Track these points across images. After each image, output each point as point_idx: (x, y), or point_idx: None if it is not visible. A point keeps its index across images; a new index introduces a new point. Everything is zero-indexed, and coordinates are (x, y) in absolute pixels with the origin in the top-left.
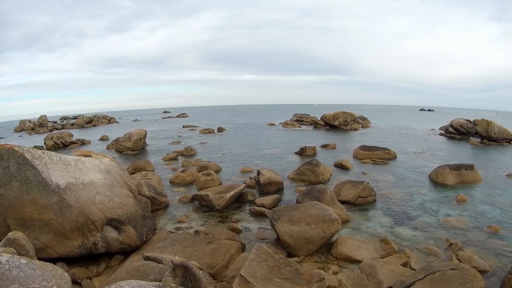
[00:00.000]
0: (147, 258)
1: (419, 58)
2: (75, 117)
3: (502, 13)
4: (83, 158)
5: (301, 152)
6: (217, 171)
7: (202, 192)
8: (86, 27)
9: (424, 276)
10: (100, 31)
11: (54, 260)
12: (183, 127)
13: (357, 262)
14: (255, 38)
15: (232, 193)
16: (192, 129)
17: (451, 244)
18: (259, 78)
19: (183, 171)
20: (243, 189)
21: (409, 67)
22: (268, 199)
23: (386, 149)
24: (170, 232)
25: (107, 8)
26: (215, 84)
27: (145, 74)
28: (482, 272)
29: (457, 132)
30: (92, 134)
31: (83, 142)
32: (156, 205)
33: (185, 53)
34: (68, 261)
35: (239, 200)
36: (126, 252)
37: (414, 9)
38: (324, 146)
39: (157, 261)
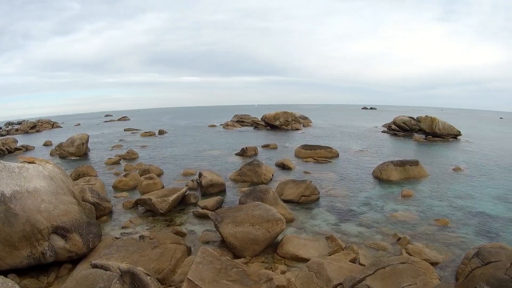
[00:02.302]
0: (94, 266)
1: (361, 58)
2: (19, 123)
3: (447, 14)
4: (27, 165)
5: (242, 153)
6: (159, 174)
7: (145, 196)
8: (32, 29)
9: (374, 271)
10: (45, 33)
11: (5, 272)
12: (124, 130)
13: (305, 260)
14: (197, 40)
15: (174, 196)
16: (133, 132)
17: (399, 239)
18: (200, 80)
19: (125, 176)
20: (186, 192)
21: (351, 67)
22: (211, 201)
23: (328, 147)
24: (116, 238)
25: (53, 9)
26: (157, 86)
27: (88, 77)
28: (434, 264)
29: (400, 129)
30: (36, 140)
31: (27, 148)
32: (100, 211)
33: (128, 56)
34: (20, 272)
35: (182, 203)
36: (74, 260)
37: (357, 10)
38: (265, 146)
39: (105, 268)
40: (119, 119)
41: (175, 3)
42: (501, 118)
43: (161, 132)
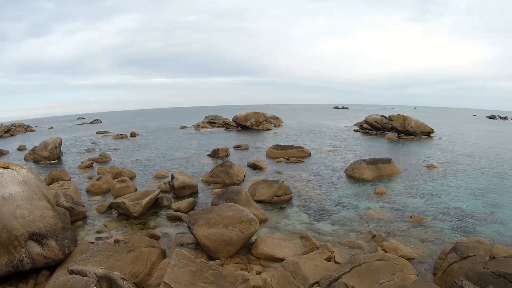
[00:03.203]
0: (71, 272)
1: (334, 57)
2: None
3: (421, 14)
4: (1, 170)
5: (214, 154)
6: (132, 177)
7: (118, 200)
8: (8, 31)
9: (351, 269)
10: (20, 34)
11: None
12: (97, 133)
13: (280, 260)
14: (169, 41)
15: (147, 199)
16: (106, 135)
17: (374, 236)
18: (172, 81)
19: (98, 179)
20: (158, 194)
21: (324, 67)
22: (183, 203)
23: (299, 147)
24: (91, 243)
25: (28, 10)
26: (129, 88)
27: (62, 79)
28: (410, 260)
29: (373, 128)
30: (10, 144)
31: (1, 153)
32: (75, 216)
33: (101, 57)
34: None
35: (155, 206)
36: (52, 266)
37: (331, 10)
38: (237, 147)
39: (82, 274)
40: (91, 122)
41: (149, 3)
42: (474, 115)
43: (133, 135)
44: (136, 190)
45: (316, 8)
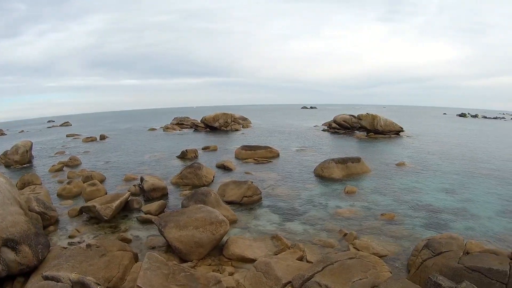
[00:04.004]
0: (46, 278)
1: (303, 57)
2: None
3: (391, 14)
4: None
5: (183, 156)
6: (102, 180)
7: (89, 204)
8: None
9: (323, 268)
10: None
11: None
12: (67, 136)
13: (251, 261)
14: (139, 42)
15: (118, 202)
16: (75, 138)
17: (345, 234)
18: (141, 83)
19: (69, 183)
20: (128, 197)
21: (292, 67)
22: (153, 206)
23: (268, 147)
24: (64, 248)
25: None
26: (99, 90)
27: (32, 81)
28: (383, 257)
29: (341, 127)
30: None
31: None
32: (47, 221)
33: (71, 59)
34: None
35: (125, 209)
36: (26, 273)
37: (300, 10)
38: (206, 148)
39: (56, 279)
40: (61, 125)
41: (118, 4)
42: (444, 114)
43: (102, 137)
44: (106, 193)
45: (286, 8)
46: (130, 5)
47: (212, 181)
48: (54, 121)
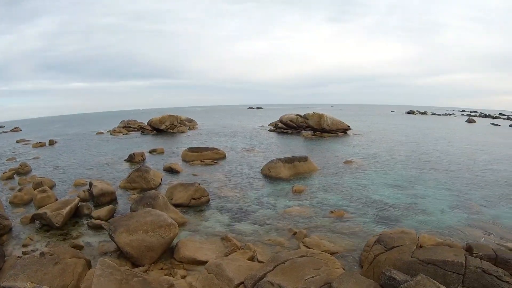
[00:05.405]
0: None
1: (250, 58)
2: None
3: (339, 15)
4: None
5: (130, 159)
6: (52, 186)
7: (41, 211)
8: None
9: (274, 267)
10: None
11: None
12: (17, 142)
13: (203, 263)
14: (88, 44)
15: (68, 208)
16: (25, 144)
17: (295, 233)
18: (89, 86)
19: (20, 190)
20: (78, 203)
21: (239, 68)
22: (103, 211)
23: (214, 149)
24: (19, 257)
25: None
26: (49, 93)
27: None
28: (334, 254)
29: (288, 127)
30: None
31: None
32: (1, 230)
33: (22, 62)
34: None
35: (76, 215)
36: None
37: (248, 12)
38: (153, 151)
39: None
40: (11, 130)
41: (68, 5)
42: (393, 111)
43: (51, 142)
44: (56, 200)
45: (234, 9)
46: (80, 6)
47: (160, 184)
48: (4, 127)
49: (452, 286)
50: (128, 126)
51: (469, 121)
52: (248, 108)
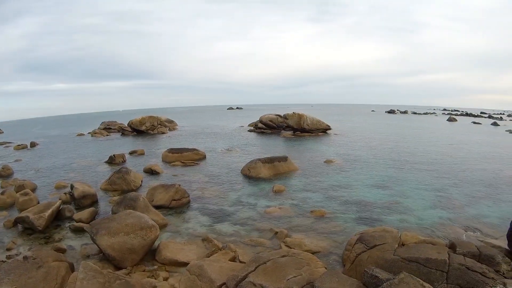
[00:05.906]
0: None
1: (230, 59)
2: None
3: (320, 15)
4: None
5: (111, 161)
6: (33, 189)
7: (23, 214)
8: None
9: (256, 268)
10: None
11: None
12: None
13: (184, 264)
14: (70, 45)
15: (50, 211)
16: (7, 146)
17: (276, 233)
18: (71, 87)
19: (2, 193)
20: (60, 206)
21: (219, 69)
22: (85, 213)
23: (194, 149)
24: (2, 261)
25: None
26: (30, 95)
27: None
28: (316, 253)
29: (268, 127)
30: None
31: None
32: None
33: (3, 63)
34: None
35: (58, 218)
36: None
37: (229, 12)
38: (133, 153)
39: None
40: None
41: (50, 5)
42: (373, 111)
43: (32, 144)
44: (39, 203)
45: (214, 10)
46: (62, 6)
47: (141, 185)
48: None
49: (436, 284)
50: (108, 128)
51: (450, 120)
52: (228, 109)
